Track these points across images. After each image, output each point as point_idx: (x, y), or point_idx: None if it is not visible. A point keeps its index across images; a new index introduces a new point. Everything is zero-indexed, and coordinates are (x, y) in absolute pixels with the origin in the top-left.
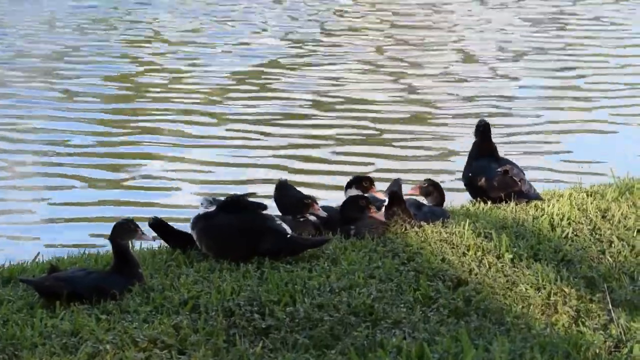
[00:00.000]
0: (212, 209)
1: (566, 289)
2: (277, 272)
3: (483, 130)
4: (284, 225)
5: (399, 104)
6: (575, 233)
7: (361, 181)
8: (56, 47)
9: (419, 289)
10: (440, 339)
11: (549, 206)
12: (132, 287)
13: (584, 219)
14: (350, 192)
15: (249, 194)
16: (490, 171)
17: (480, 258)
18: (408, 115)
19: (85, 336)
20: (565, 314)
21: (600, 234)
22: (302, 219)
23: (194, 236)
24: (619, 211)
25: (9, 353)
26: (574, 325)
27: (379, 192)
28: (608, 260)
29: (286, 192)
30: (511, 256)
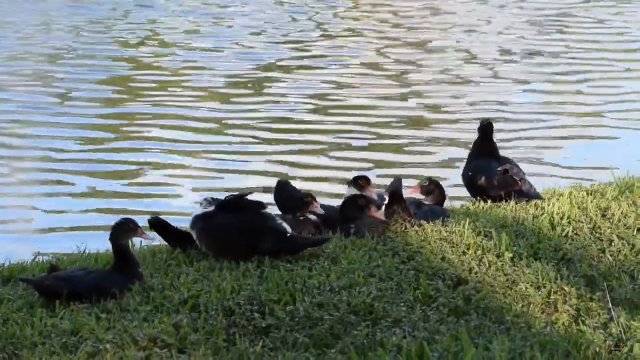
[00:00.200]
0: (210, 208)
1: (566, 288)
2: (277, 271)
3: (485, 129)
4: (284, 224)
5: (399, 107)
6: (575, 232)
7: (357, 180)
8: (52, 48)
9: (419, 287)
10: (440, 338)
11: (549, 205)
12: (132, 286)
13: (584, 218)
14: (349, 190)
15: (248, 194)
16: (491, 170)
17: (480, 257)
18: (408, 118)
19: (85, 335)
20: (565, 312)
21: (600, 233)
22: (302, 218)
23: (194, 235)
24: (619, 210)
25: (8, 352)
26: (574, 324)
27: (373, 190)
28: (608, 259)
29: (286, 191)
30: (511, 255)
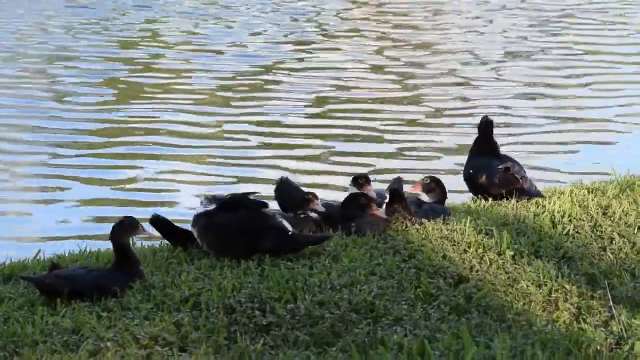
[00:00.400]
0: (211, 207)
1: (567, 286)
2: (277, 270)
3: (485, 127)
4: (285, 222)
5: (400, 106)
6: (576, 230)
7: (357, 179)
8: (50, 50)
9: (420, 286)
10: (441, 336)
11: (550, 203)
12: (133, 284)
13: (585, 216)
14: (350, 189)
15: (250, 193)
16: (492, 168)
17: (481, 255)
18: (410, 117)
19: (86, 333)
20: (566, 310)
21: (601, 231)
22: (303, 216)
23: (195, 234)
24: (619, 208)
25: (9, 350)
26: (575, 322)
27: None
28: (609, 257)
29: (287, 189)
30: (512, 253)
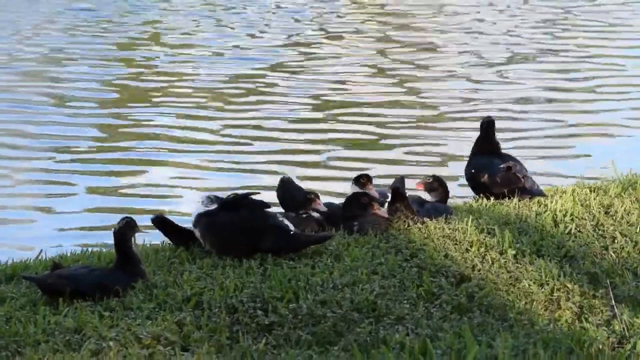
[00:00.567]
0: (212, 206)
1: (569, 285)
2: (280, 269)
3: (487, 127)
4: (286, 222)
5: (402, 108)
6: (578, 229)
7: (359, 178)
8: (52, 50)
9: (422, 285)
10: (443, 335)
11: (552, 202)
12: (135, 284)
13: (587, 215)
14: (352, 189)
15: (251, 192)
16: (493, 167)
17: (483, 254)
18: (412, 119)
19: (88, 333)
20: (568, 310)
21: (603, 230)
22: (304, 215)
23: (197, 234)
24: (622, 207)
25: (12, 350)
26: (577, 321)
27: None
28: (611, 256)
29: (289, 188)
30: (514, 252)
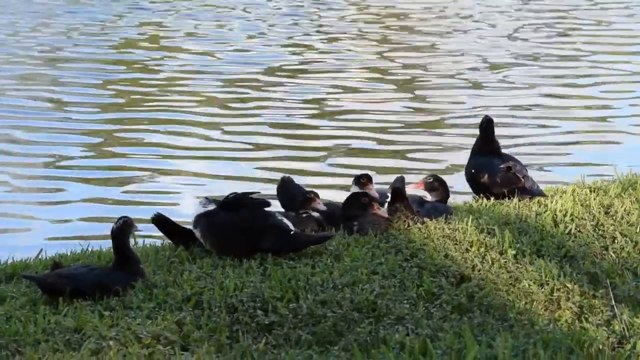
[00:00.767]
0: (211, 207)
1: (569, 285)
2: (280, 269)
3: (486, 126)
4: (286, 222)
5: (403, 112)
6: (578, 229)
7: (359, 178)
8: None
9: (422, 285)
10: (444, 335)
11: (552, 202)
12: (135, 283)
13: (587, 215)
14: (353, 189)
15: (251, 192)
16: (493, 167)
17: (483, 254)
18: (413, 121)
19: (88, 332)
20: (568, 310)
21: (604, 230)
22: (304, 215)
23: (198, 234)
24: (622, 207)
25: (12, 349)
26: (577, 321)
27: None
28: (611, 256)
29: (289, 188)
30: (514, 252)
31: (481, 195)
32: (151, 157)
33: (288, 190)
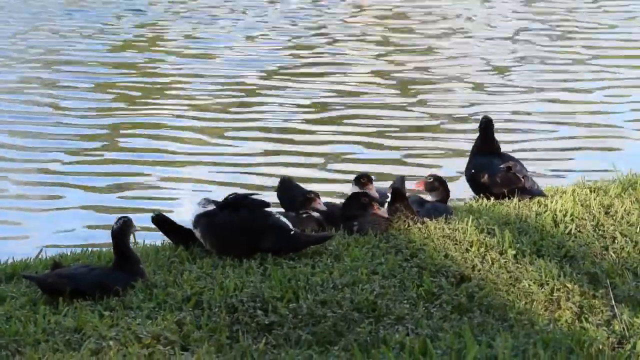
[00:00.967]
0: (211, 207)
1: (569, 285)
2: (280, 269)
3: (485, 126)
4: (286, 221)
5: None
6: (578, 229)
7: (359, 179)
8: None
9: (422, 285)
10: (444, 335)
11: (552, 202)
12: (135, 283)
13: (587, 215)
14: (353, 189)
15: (251, 192)
16: (493, 167)
17: (483, 254)
18: (414, 124)
19: (88, 332)
20: (568, 310)
21: (604, 230)
22: (305, 215)
23: (198, 234)
24: (622, 207)
25: (12, 349)
26: (577, 321)
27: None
28: (611, 256)
29: (289, 188)
30: (514, 252)
31: (481, 195)
32: (151, 157)
33: (288, 191)
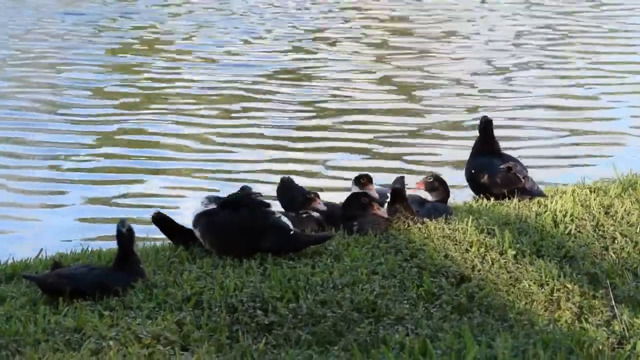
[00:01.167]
0: (212, 206)
1: (569, 286)
2: (280, 269)
3: (485, 127)
4: (286, 221)
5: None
6: (578, 229)
7: (359, 179)
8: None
9: (422, 285)
10: (443, 335)
11: (552, 203)
12: (135, 283)
13: (587, 216)
14: (353, 189)
15: (251, 192)
16: (493, 168)
17: (483, 254)
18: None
19: (88, 332)
20: (568, 310)
21: (604, 231)
22: (305, 215)
23: (197, 233)
24: (622, 207)
25: (12, 349)
26: (577, 321)
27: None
28: (611, 256)
29: (289, 188)
30: (514, 252)
31: (481, 195)
32: (148, 161)
33: (288, 191)
